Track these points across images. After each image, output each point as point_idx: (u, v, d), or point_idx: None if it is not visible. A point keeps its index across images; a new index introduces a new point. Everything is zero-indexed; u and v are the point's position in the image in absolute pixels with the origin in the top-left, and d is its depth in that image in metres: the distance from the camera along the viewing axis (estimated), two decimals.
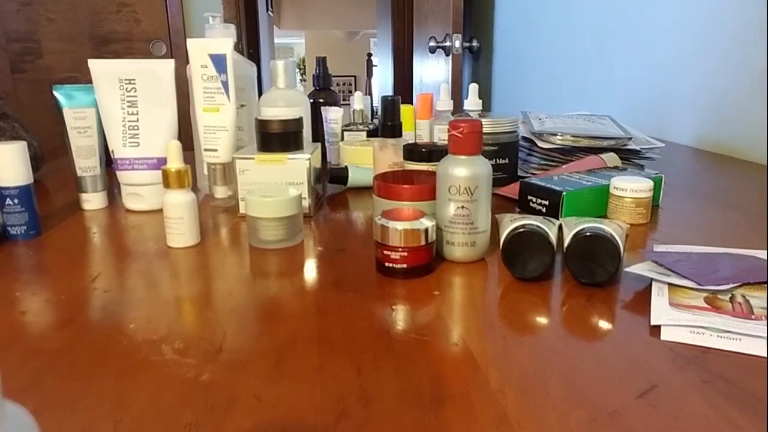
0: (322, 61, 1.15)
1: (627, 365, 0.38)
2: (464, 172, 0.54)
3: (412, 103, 1.05)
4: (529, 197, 0.72)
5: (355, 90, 6.16)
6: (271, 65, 0.81)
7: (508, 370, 0.37)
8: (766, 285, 0.47)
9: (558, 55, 1.98)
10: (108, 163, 0.79)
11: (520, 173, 0.88)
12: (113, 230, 0.70)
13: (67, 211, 0.78)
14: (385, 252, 0.52)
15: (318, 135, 1.07)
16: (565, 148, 0.86)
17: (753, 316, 0.42)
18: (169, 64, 0.76)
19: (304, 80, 7.73)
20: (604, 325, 0.44)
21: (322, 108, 1.06)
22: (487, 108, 2.64)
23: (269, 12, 5.14)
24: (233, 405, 0.34)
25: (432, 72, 2.67)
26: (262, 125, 0.71)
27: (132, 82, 0.75)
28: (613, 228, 0.51)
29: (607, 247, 0.49)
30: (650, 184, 0.67)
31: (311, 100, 1.09)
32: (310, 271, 0.56)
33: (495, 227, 0.58)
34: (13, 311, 0.48)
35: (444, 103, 1.03)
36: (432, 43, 2.44)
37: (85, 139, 0.77)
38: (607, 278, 0.49)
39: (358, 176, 0.86)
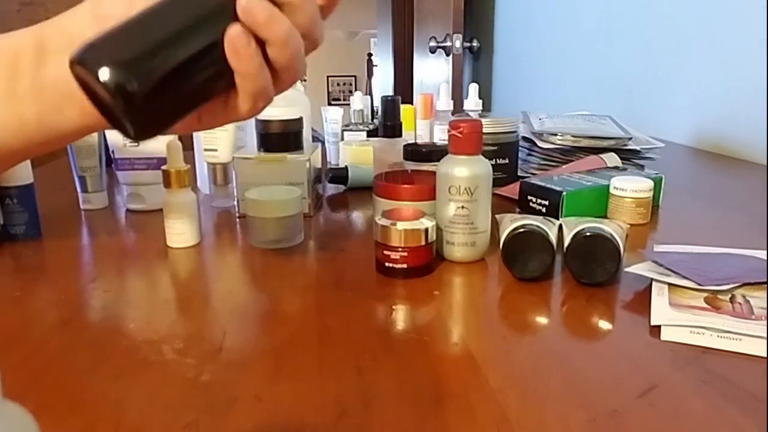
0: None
1: (627, 365, 0.38)
2: (464, 172, 0.54)
3: (412, 103, 1.05)
4: (529, 197, 0.71)
5: (355, 90, 6.15)
6: None
7: (508, 370, 0.37)
8: (766, 285, 0.47)
9: (558, 54, 1.98)
10: (108, 162, 0.79)
11: (520, 173, 0.88)
12: (113, 230, 0.70)
13: (67, 211, 0.78)
14: (386, 252, 0.52)
15: None
16: (565, 148, 0.86)
17: (753, 316, 0.42)
18: None
19: (305, 80, 7.73)
20: (604, 325, 0.44)
21: (322, 108, 1.06)
22: (487, 108, 2.64)
23: None
24: (233, 405, 0.34)
25: (432, 72, 2.67)
26: (262, 125, 0.71)
27: None
28: (613, 228, 0.51)
29: (607, 247, 0.49)
30: (650, 184, 0.67)
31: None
32: (310, 271, 0.56)
33: (495, 227, 0.58)
34: (13, 311, 0.48)
35: (444, 103, 1.03)
36: (432, 43, 2.44)
37: (85, 138, 0.77)
38: (607, 278, 0.49)
39: (358, 176, 0.86)
